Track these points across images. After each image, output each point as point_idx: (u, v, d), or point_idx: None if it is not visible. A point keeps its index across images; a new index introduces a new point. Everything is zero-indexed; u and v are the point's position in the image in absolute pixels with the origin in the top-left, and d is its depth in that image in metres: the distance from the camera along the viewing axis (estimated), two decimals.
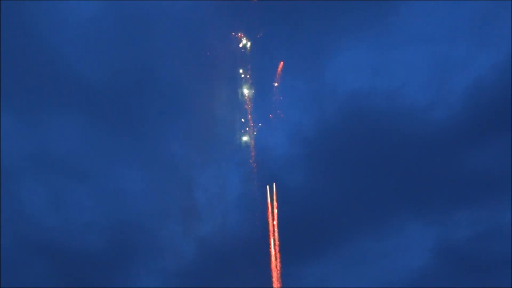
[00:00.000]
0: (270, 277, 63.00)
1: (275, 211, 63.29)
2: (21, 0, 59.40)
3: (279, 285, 62.56)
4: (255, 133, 63.89)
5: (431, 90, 76.44)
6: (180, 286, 66.90)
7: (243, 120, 63.13)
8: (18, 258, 65.35)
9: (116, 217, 69.13)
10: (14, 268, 64.58)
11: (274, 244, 62.78)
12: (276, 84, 63.17)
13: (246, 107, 63.38)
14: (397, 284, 70.99)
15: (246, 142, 63.52)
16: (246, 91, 62.59)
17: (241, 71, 61.60)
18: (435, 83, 76.48)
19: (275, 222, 63.32)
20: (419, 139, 73.12)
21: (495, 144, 72.72)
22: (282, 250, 65.02)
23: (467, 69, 75.17)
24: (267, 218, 63.82)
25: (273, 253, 63.06)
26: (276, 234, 63.17)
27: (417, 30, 74.71)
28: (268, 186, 63.23)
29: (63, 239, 67.06)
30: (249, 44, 60.59)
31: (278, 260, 63.10)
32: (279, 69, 62.63)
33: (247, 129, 63.47)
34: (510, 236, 70.23)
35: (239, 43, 60.41)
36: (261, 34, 60.60)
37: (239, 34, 60.32)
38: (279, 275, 62.90)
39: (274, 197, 63.32)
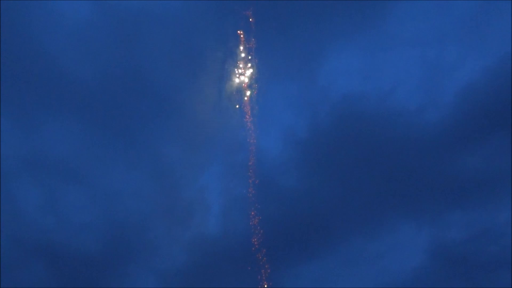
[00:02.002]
0: (264, 277, 63.42)
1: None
2: (16, 0, 60.58)
3: (273, 285, 62.95)
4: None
5: (422, 93, 76.72)
6: (175, 286, 67.62)
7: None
8: (14, 259, 66.06)
9: (111, 218, 69.89)
10: (10, 269, 65.31)
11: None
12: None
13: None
14: (391, 284, 71.34)
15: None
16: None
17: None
18: (426, 86, 76.88)
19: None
20: (411, 141, 73.53)
21: (488, 145, 73.18)
22: (276, 251, 65.69)
23: (458, 72, 75.61)
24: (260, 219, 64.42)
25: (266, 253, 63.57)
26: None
27: (407, 33, 74.84)
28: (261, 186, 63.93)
29: (59, 240, 67.86)
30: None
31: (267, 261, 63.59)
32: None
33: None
34: (503, 237, 71.08)
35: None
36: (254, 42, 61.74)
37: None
38: (272, 276, 63.35)
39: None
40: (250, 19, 61.09)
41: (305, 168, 74.50)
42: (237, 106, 63.14)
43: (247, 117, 63.30)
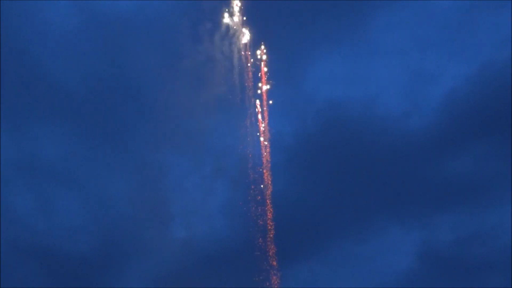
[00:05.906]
0: (258, 278, 63.53)
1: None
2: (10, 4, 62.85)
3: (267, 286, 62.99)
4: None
5: (406, 99, 79.07)
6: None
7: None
8: (8, 260, 66.43)
9: (103, 221, 70.35)
10: (5, 271, 65.85)
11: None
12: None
13: None
14: (381, 286, 71.67)
15: None
16: None
17: None
18: (410, 92, 79.24)
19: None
20: (397, 145, 75.24)
21: (473, 149, 74.83)
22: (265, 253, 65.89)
23: (441, 78, 78.20)
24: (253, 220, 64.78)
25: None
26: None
27: (390, 41, 77.82)
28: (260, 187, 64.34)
29: (52, 243, 68.59)
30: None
31: (267, 262, 63.76)
32: None
33: None
34: (491, 239, 71.86)
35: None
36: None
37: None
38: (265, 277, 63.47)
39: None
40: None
41: (293, 173, 75.59)
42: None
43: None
